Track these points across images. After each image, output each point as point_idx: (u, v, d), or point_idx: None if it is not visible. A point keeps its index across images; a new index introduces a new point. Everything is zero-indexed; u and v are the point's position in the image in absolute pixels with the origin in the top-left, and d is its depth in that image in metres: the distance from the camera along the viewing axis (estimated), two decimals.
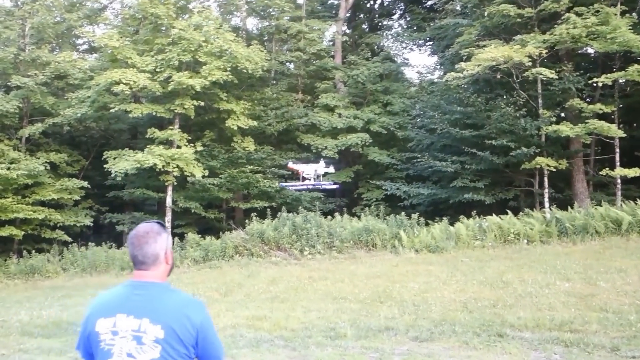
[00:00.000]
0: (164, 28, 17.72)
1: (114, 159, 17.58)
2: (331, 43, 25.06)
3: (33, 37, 19.85)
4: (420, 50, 28.98)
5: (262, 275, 12.65)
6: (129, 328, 2.15)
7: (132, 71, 16.74)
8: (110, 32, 18.32)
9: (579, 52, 15.29)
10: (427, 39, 23.73)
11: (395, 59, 26.40)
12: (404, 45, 28.38)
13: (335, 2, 27.38)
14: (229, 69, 17.00)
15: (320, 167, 10.84)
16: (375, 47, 27.08)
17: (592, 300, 8.24)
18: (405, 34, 25.91)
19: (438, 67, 24.30)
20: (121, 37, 17.44)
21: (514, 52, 12.80)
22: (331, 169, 10.18)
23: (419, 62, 50.26)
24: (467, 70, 13.44)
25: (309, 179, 10.39)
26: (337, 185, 9.23)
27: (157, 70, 17.12)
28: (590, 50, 15.24)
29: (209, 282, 12.41)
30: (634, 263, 10.02)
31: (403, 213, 14.49)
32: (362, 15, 29.88)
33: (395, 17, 29.64)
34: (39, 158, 18.04)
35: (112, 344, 2.15)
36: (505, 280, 9.90)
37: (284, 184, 16.63)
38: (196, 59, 16.88)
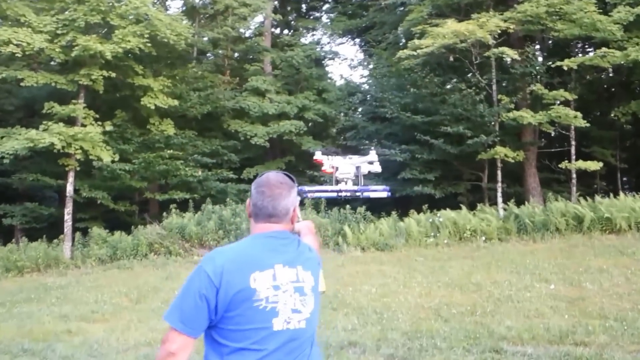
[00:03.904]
0: None
1: (2, 138, 14.78)
2: (261, 24, 23.31)
3: None
4: (353, 41, 27.62)
5: (183, 277, 10.61)
6: (289, 279, 1.93)
7: (26, 31, 14.09)
8: None
9: (536, 36, 14.58)
10: (365, 25, 22.54)
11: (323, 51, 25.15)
12: (334, 36, 27.06)
13: None
14: (146, 36, 14.76)
15: (366, 161, 4.56)
16: (305, 33, 25.89)
17: (584, 305, 7.18)
18: (340, 22, 24.53)
19: (371, 58, 23.08)
20: None
21: (477, 28, 11.76)
22: (377, 166, 4.61)
23: (348, 55, 49.10)
24: (422, 48, 12.25)
25: (345, 181, 4.34)
26: (389, 194, 4.48)
27: (58, 32, 14.55)
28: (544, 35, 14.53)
29: (116, 286, 10.46)
30: (611, 262, 9.18)
31: (348, 207, 13.06)
32: (289, 8, 28.20)
33: (325, 7, 28.20)
34: None
35: (276, 301, 1.87)
36: (474, 282, 8.73)
37: (305, 188, 4.76)
38: (107, 21, 14.52)
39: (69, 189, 15.11)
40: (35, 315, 8.58)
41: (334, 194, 3.25)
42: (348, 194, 3.22)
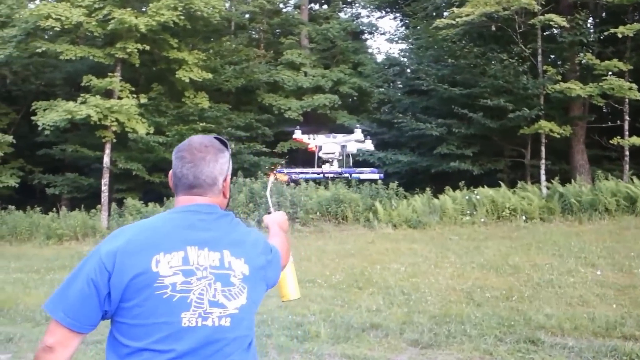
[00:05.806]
0: None
1: (44, 110, 14.84)
2: None
3: None
4: (393, 14, 26.46)
5: None
6: (208, 264, 1.50)
7: (65, 5, 13.96)
8: None
9: (588, 2, 13.23)
10: None
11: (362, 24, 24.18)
12: (373, 9, 25.93)
13: None
14: (180, 9, 14.33)
15: (353, 140, 4.53)
16: (344, 7, 24.97)
17: (635, 294, 6.37)
18: None
19: (408, 30, 21.97)
20: None
21: None
22: (368, 144, 4.86)
23: (388, 29, 47.45)
24: (461, 17, 11.27)
25: (330, 162, 4.39)
26: (382, 175, 3.96)
27: (96, 6, 14.41)
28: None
29: None
30: None
31: (380, 182, 12.36)
32: None
33: None
34: None
35: (187, 290, 1.45)
36: (512, 264, 7.94)
37: (284, 170, 4.75)
38: None
39: (106, 160, 15.13)
40: None
41: (318, 176, 2.65)
42: (333, 175, 2.63)
